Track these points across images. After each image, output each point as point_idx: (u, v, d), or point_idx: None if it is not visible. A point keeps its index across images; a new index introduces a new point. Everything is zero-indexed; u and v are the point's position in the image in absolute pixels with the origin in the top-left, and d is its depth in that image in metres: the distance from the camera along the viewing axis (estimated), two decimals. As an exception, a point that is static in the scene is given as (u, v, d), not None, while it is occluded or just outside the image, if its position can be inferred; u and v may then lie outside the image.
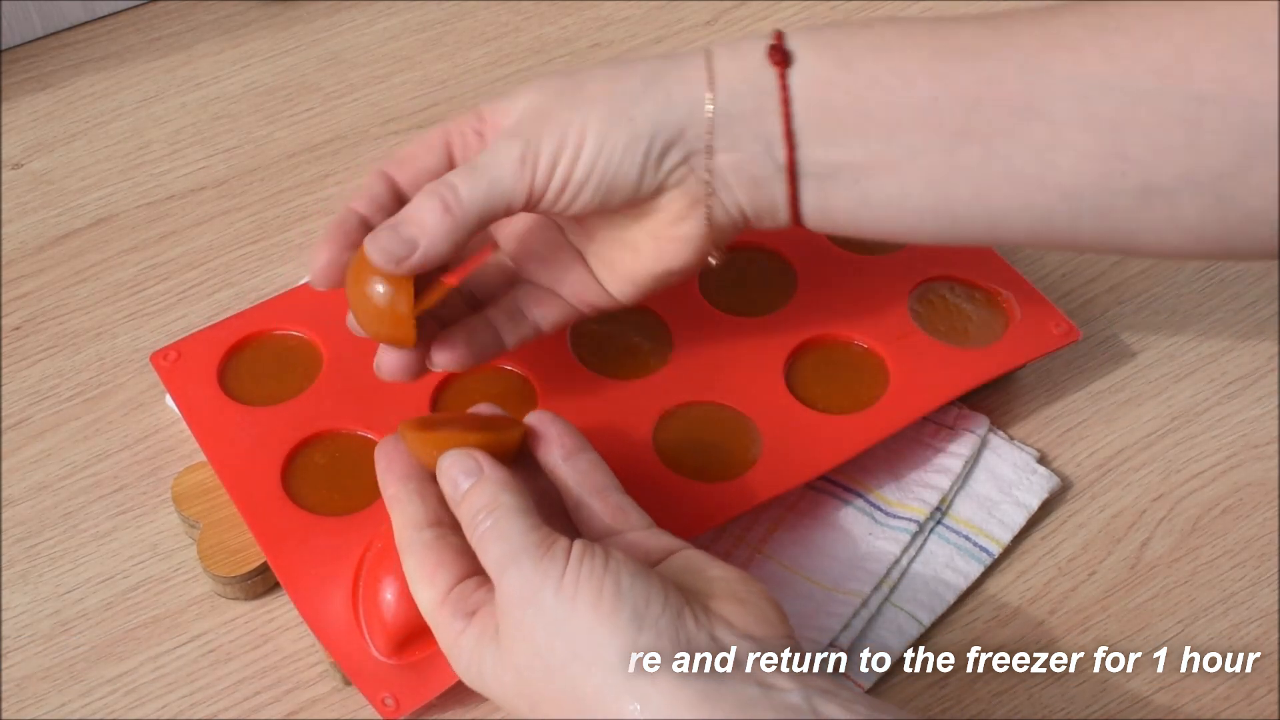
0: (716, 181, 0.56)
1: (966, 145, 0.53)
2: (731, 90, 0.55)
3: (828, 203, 0.56)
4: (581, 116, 0.55)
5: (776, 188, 0.56)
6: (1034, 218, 0.55)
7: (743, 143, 0.55)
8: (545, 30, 0.88)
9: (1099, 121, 0.52)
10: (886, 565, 0.61)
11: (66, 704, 0.59)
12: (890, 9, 0.89)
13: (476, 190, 0.54)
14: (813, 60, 0.55)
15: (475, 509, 0.52)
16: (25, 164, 0.80)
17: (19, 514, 0.65)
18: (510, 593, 0.50)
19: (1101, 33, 0.52)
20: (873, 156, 0.55)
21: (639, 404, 0.64)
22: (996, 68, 0.53)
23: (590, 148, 0.54)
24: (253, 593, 0.61)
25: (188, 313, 0.73)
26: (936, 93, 0.53)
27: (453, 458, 0.53)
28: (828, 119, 0.54)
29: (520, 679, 0.49)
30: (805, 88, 0.55)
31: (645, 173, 0.55)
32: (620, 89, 0.55)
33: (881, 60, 0.54)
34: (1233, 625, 0.61)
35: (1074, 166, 0.53)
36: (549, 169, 0.54)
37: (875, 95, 0.54)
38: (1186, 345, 0.71)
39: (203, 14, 0.88)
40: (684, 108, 0.55)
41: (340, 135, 0.81)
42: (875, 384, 0.65)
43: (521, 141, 0.54)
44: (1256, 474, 0.66)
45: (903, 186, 0.55)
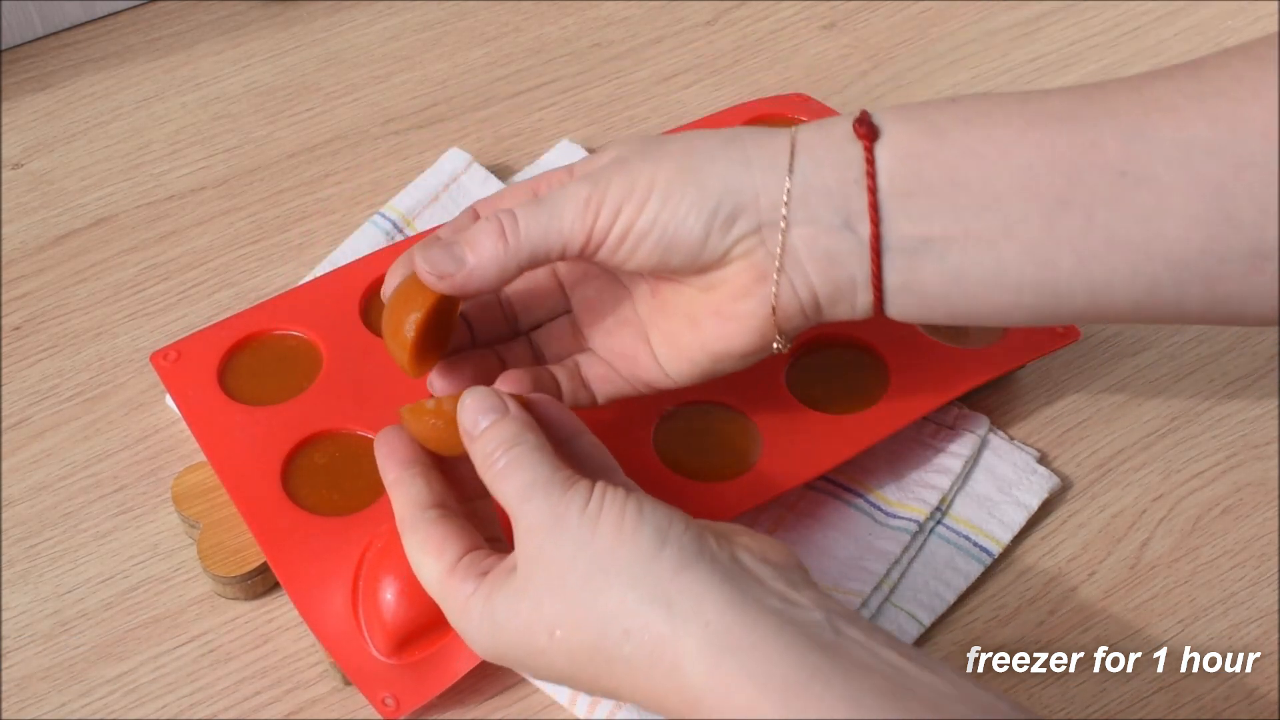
0: (787, 257, 0.53)
1: (1067, 214, 0.51)
2: (814, 160, 0.53)
3: (915, 280, 0.53)
4: (653, 167, 0.53)
5: (856, 266, 0.53)
6: (1140, 289, 0.52)
7: (821, 217, 0.53)
8: (545, 30, 0.88)
9: (1206, 185, 0.50)
10: (886, 565, 0.61)
11: (66, 704, 0.59)
12: (889, 8, 0.89)
13: (536, 223, 0.53)
14: (901, 132, 0.53)
15: (495, 443, 0.51)
16: (25, 164, 0.80)
17: (19, 514, 0.65)
18: (531, 521, 0.49)
19: (1200, 97, 0.51)
20: (966, 229, 0.52)
21: (639, 404, 0.64)
22: (1096, 133, 0.51)
23: (656, 199, 0.53)
24: (253, 593, 0.61)
25: (188, 313, 0.73)
26: (1034, 160, 0.52)
27: (477, 394, 0.53)
28: (917, 191, 0.52)
29: (538, 606, 0.49)
30: (894, 159, 0.52)
31: (710, 235, 0.53)
32: (698, 147, 0.54)
33: (974, 129, 0.52)
34: (1233, 625, 0.61)
35: (1181, 233, 0.51)
36: (612, 215, 0.53)
37: (969, 165, 0.52)
38: (1186, 345, 0.71)
39: (203, 14, 0.88)
40: (760, 174, 0.53)
41: (340, 135, 0.82)
42: (875, 384, 0.65)
43: (590, 184, 0.53)
44: (1256, 474, 0.66)
45: (999, 260, 0.52)
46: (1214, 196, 0.50)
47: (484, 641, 0.51)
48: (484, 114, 0.83)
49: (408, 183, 0.77)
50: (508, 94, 0.84)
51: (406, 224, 0.75)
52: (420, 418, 0.54)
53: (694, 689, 0.46)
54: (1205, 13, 0.88)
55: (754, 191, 0.53)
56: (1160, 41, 0.86)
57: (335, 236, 0.76)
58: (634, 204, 0.53)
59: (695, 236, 0.53)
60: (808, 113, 0.77)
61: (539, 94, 0.84)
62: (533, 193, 0.58)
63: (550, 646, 0.49)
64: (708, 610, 0.47)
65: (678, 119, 0.82)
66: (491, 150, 0.80)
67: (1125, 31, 0.87)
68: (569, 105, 0.83)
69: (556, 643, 0.49)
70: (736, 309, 0.55)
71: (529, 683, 0.58)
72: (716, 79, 0.85)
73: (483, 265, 0.54)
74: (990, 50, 0.86)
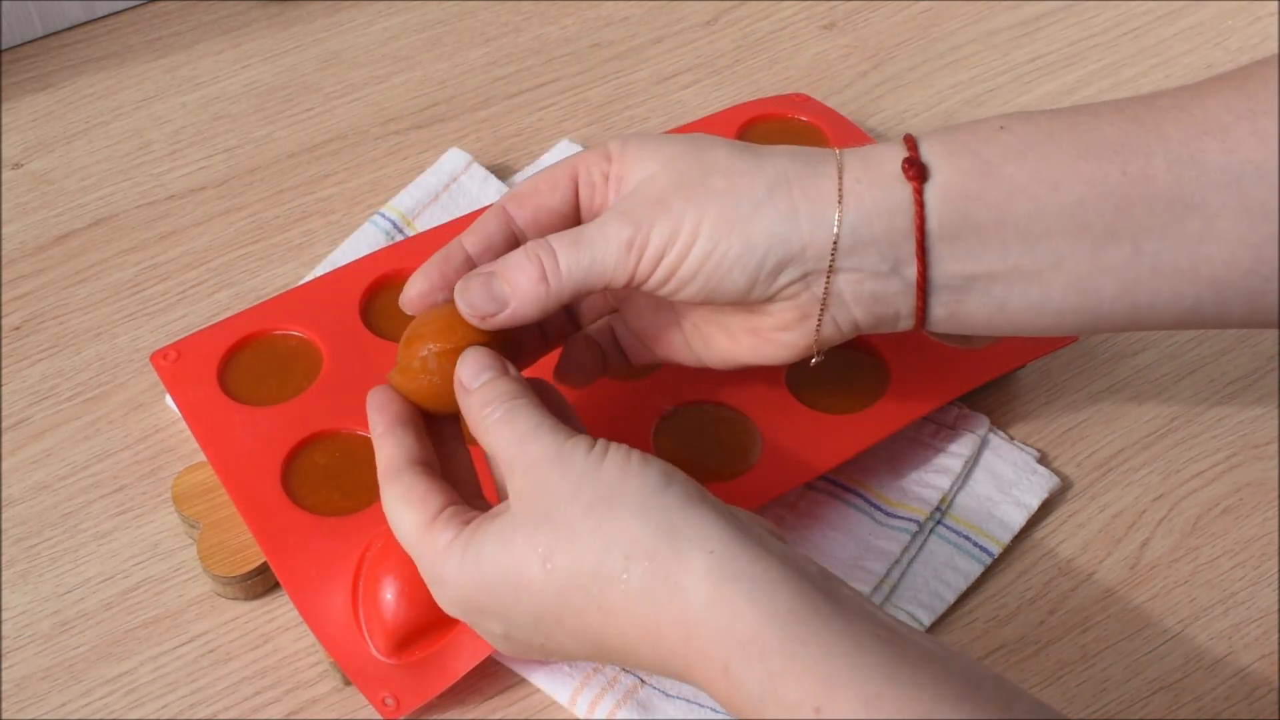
0: (832, 300, 0.54)
1: (1114, 245, 0.52)
2: (862, 211, 0.52)
3: (960, 312, 0.54)
4: (697, 212, 0.52)
5: (901, 303, 0.54)
6: (1181, 309, 0.53)
7: (867, 263, 0.53)
8: (545, 30, 0.88)
9: (1253, 209, 0.51)
10: (886, 565, 0.61)
11: (66, 704, 0.59)
12: (889, 8, 0.89)
13: (578, 266, 0.53)
14: (949, 171, 0.52)
15: (494, 393, 0.51)
16: (25, 164, 0.80)
17: (19, 514, 0.65)
18: (533, 458, 0.49)
19: (1250, 116, 0.51)
20: (1013, 265, 0.52)
21: (639, 404, 0.64)
22: (1145, 163, 0.51)
23: (700, 249, 0.53)
24: (253, 593, 0.61)
25: (188, 313, 0.73)
26: (1084, 195, 0.51)
27: (479, 352, 0.53)
28: (966, 232, 0.52)
29: (532, 535, 0.49)
30: (943, 202, 0.52)
31: (756, 285, 0.53)
32: (744, 193, 0.53)
33: (1025, 165, 0.52)
34: (1233, 625, 0.61)
35: (1227, 257, 0.51)
36: (655, 259, 0.53)
37: (1019, 203, 0.52)
38: (1186, 345, 0.71)
39: (203, 14, 0.88)
40: (807, 226, 0.52)
41: (340, 135, 0.82)
42: (875, 384, 0.65)
43: (632, 226, 0.53)
44: (1256, 474, 0.66)
45: (1045, 291, 0.53)
46: (1262, 220, 0.51)
47: (462, 583, 0.50)
48: (484, 114, 0.83)
49: (408, 183, 0.77)
50: (508, 94, 0.84)
51: (406, 224, 0.75)
52: (411, 376, 0.54)
53: (694, 615, 0.46)
54: (1205, 13, 0.88)
55: (801, 244, 0.53)
56: (1160, 41, 0.86)
57: (335, 236, 0.76)
58: (677, 250, 0.53)
59: (740, 286, 0.53)
60: (808, 113, 0.77)
61: (539, 94, 0.84)
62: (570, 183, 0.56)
63: (539, 578, 0.48)
64: (712, 541, 0.47)
65: (678, 119, 0.82)
66: (491, 150, 0.80)
67: (1125, 31, 0.87)
68: (569, 105, 0.83)
69: (548, 573, 0.48)
70: (776, 337, 0.56)
71: (529, 683, 0.58)
72: (716, 79, 0.85)
73: (523, 306, 0.54)
74: (990, 50, 0.86)
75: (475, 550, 0.50)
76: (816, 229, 0.52)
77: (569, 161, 0.57)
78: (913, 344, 0.66)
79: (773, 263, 0.53)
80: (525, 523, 0.49)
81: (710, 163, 0.54)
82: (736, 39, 0.87)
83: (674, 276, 0.53)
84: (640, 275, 0.53)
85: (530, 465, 0.50)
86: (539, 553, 0.48)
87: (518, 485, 0.50)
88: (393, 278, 0.68)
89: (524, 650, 0.52)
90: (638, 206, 0.53)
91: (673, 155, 0.54)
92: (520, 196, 0.57)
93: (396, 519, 0.52)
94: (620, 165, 0.56)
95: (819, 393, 0.65)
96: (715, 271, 0.53)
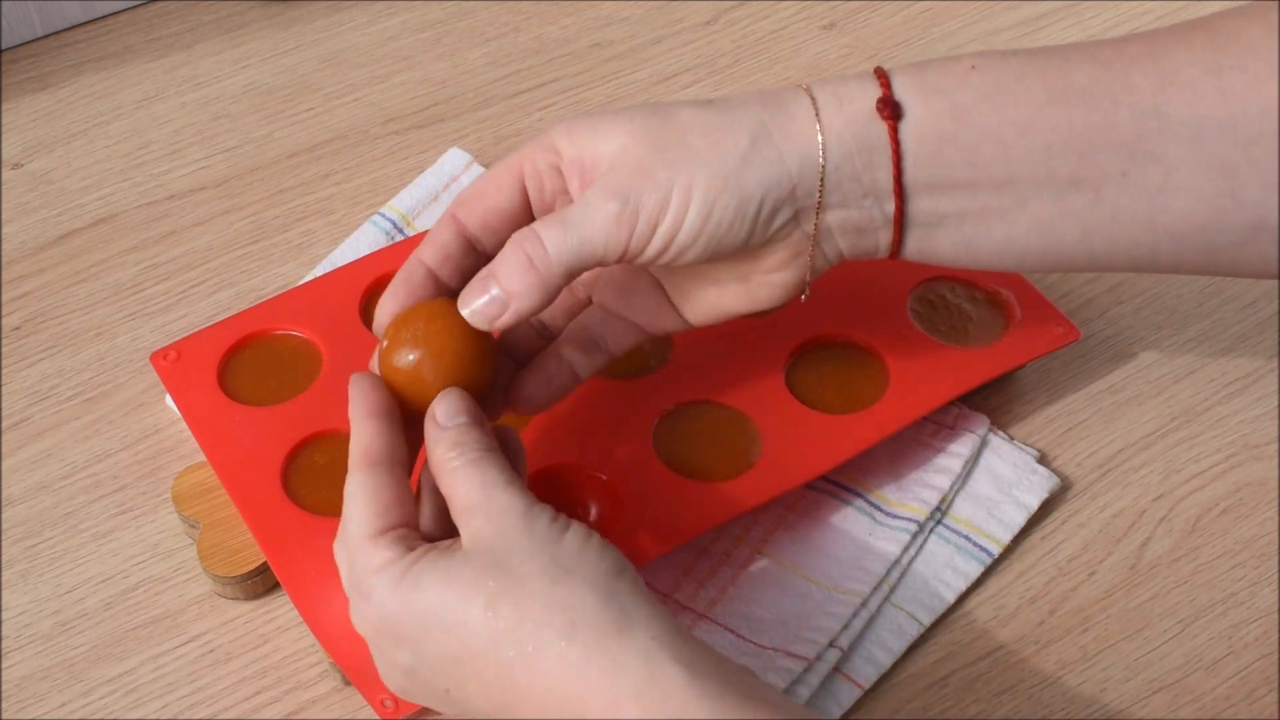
0: (821, 235, 0.55)
1: (1078, 191, 0.53)
2: (842, 148, 0.53)
3: (930, 245, 0.56)
4: (685, 178, 0.52)
5: (881, 235, 0.55)
6: (1138, 255, 0.55)
7: (852, 198, 0.54)
8: (545, 30, 0.88)
9: (1214, 164, 0.52)
10: (886, 565, 0.61)
11: (66, 704, 0.59)
12: (889, 8, 0.89)
13: (566, 247, 0.52)
14: (923, 112, 0.53)
15: (468, 437, 0.51)
16: (25, 164, 0.80)
17: (19, 514, 0.65)
18: (500, 508, 0.49)
19: (1217, 71, 0.52)
20: (982, 206, 0.54)
21: (639, 404, 0.64)
22: (1111, 112, 0.52)
23: (696, 212, 0.52)
24: (253, 593, 0.61)
25: (188, 313, 0.73)
26: (1051, 141, 0.53)
27: (460, 394, 0.53)
28: (939, 173, 0.54)
29: (479, 578, 0.48)
30: (917, 141, 0.53)
31: (754, 233, 0.53)
32: (727, 148, 0.53)
33: (995, 110, 0.53)
34: (1233, 625, 0.61)
35: (1184, 209, 0.53)
36: (648, 230, 0.53)
37: (989, 147, 0.53)
38: (1186, 345, 0.71)
39: (203, 14, 0.88)
40: (795, 166, 0.53)
41: (340, 135, 0.81)
42: (875, 384, 0.65)
43: (619, 200, 0.52)
44: (1256, 474, 0.66)
45: (1009, 231, 0.54)
46: (1220, 175, 0.52)
47: (388, 605, 0.50)
48: (484, 114, 0.83)
49: (408, 183, 0.77)
50: (508, 94, 0.84)
51: (406, 224, 0.75)
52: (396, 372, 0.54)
53: (627, 690, 0.46)
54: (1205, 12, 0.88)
55: (791, 184, 0.53)
56: (1160, 41, 0.86)
57: (335, 236, 0.76)
58: (671, 218, 0.52)
59: (740, 238, 0.53)
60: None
61: (539, 94, 0.84)
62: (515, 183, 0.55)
63: (477, 619, 0.48)
64: (656, 627, 0.47)
65: (678, 119, 0.82)
66: (491, 150, 0.80)
67: (1125, 32, 0.87)
68: (569, 105, 0.83)
69: (487, 618, 0.48)
70: (767, 279, 0.56)
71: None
72: (716, 79, 0.85)
73: (523, 300, 0.53)
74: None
75: (414, 578, 0.49)
76: (804, 168, 0.53)
77: (512, 159, 0.56)
78: (913, 344, 0.66)
79: (769, 207, 0.53)
80: (476, 564, 0.49)
81: (681, 123, 0.54)
82: (736, 39, 0.87)
83: (673, 243, 0.53)
84: (634, 247, 0.53)
85: (494, 514, 0.50)
86: (484, 597, 0.48)
87: (476, 529, 0.50)
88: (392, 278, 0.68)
89: (422, 692, 0.51)
90: (619, 179, 0.53)
91: (637, 125, 0.54)
92: (467, 202, 0.56)
93: (351, 512, 0.51)
94: (576, 149, 0.54)
95: (819, 393, 0.65)
96: (716, 230, 0.53)
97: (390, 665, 0.52)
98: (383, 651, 0.51)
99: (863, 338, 0.66)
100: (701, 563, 0.62)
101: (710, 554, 0.62)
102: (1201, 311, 0.72)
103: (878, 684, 0.59)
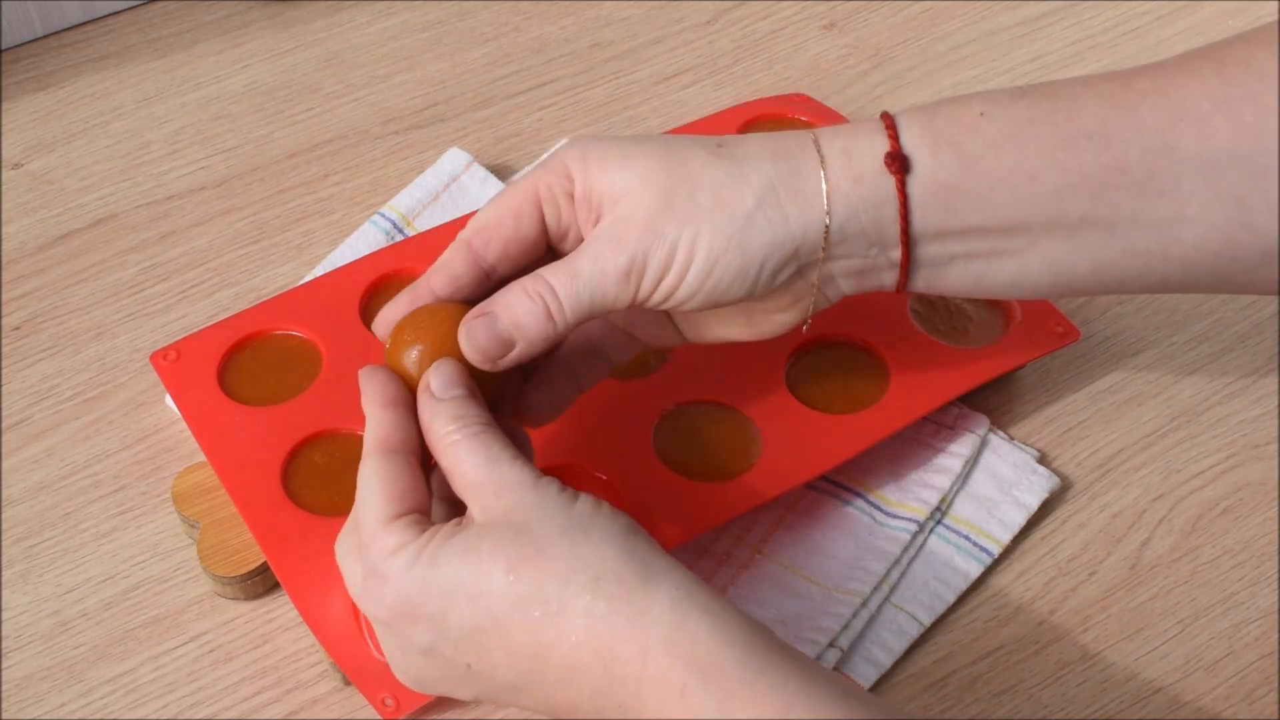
0: (825, 281, 0.55)
1: (1090, 230, 0.53)
2: (848, 206, 0.53)
3: (939, 284, 0.56)
4: (691, 234, 0.53)
5: (886, 277, 0.56)
6: (1149, 282, 0.55)
7: (857, 250, 0.54)
8: (545, 30, 0.88)
9: (1226, 196, 0.52)
10: (886, 565, 0.61)
11: (66, 704, 0.59)
12: (889, 8, 0.89)
13: (580, 301, 0.53)
14: (931, 164, 0.53)
15: (463, 413, 0.51)
16: (25, 164, 0.80)
17: (19, 514, 0.65)
18: (509, 480, 0.50)
19: (1227, 104, 0.51)
20: (991, 248, 0.54)
21: (639, 404, 0.64)
22: (1121, 152, 0.52)
23: (698, 270, 0.53)
24: (253, 593, 0.61)
25: (188, 313, 0.73)
26: (1061, 185, 0.53)
27: (451, 365, 0.53)
28: (948, 220, 0.54)
29: (499, 546, 0.48)
30: (925, 193, 0.53)
31: (755, 290, 0.54)
32: (734, 207, 0.53)
33: (1004, 157, 0.53)
34: (1233, 625, 0.61)
35: (1197, 240, 0.53)
36: (654, 282, 0.53)
37: (999, 194, 0.53)
38: (1186, 345, 0.71)
39: (203, 14, 0.88)
40: (799, 228, 0.53)
41: (340, 135, 0.82)
42: (875, 384, 0.65)
43: (627, 256, 0.53)
44: (1256, 474, 0.66)
45: (1020, 269, 0.55)
46: (1234, 207, 0.52)
47: (407, 583, 0.49)
48: (484, 114, 0.83)
49: (408, 183, 0.77)
50: (508, 94, 0.84)
51: (406, 224, 0.75)
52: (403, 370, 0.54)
53: (655, 637, 0.47)
54: (1205, 12, 0.88)
55: (794, 245, 0.54)
56: (1160, 41, 0.86)
57: (335, 236, 0.76)
58: (675, 272, 0.53)
59: (741, 294, 0.54)
60: (808, 113, 0.77)
61: (539, 94, 0.84)
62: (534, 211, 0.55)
63: (499, 585, 0.48)
64: (677, 579, 0.48)
65: (678, 119, 0.82)
66: (491, 150, 0.80)
67: (1125, 31, 0.87)
68: (569, 105, 0.83)
69: (510, 582, 0.48)
70: (771, 319, 0.57)
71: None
72: (716, 79, 0.85)
73: (531, 344, 0.54)
74: (990, 50, 0.86)
75: (430, 555, 0.49)
76: (808, 229, 0.54)
77: (527, 185, 0.56)
78: (913, 344, 0.66)
79: (771, 267, 0.54)
80: (493, 534, 0.49)
81: (691, 177, 0.54)
82: (736, 39, 0.87)
83: (674, 295, 0.54)
84: (641, 298, 0.54)
85: (504, 488, 0.50)
86: (505, 563, 0.48)
87: (487, 504, 0.50)
88: (393, 278, 0.68)
89: (440, 672, 0.51)
90: (628, 232, 0.53)
91: (648, 171, 0.54)
92: (484, 231, 0.56)
93: (365, 497, 0.51)
94: (585, 183, 0.55)
95: (819, 393, 0.65)
96: (718, 287, 0.54)
97: (407, 649, 0.51)
98: (399, 635, 0.51)
99: (863, 338, 0.66)
100: (701, 563, 0.62)
101: (710, 554, 0.62)
102: (1201, 311, 0.72)
103: (878, 684, 0.59)
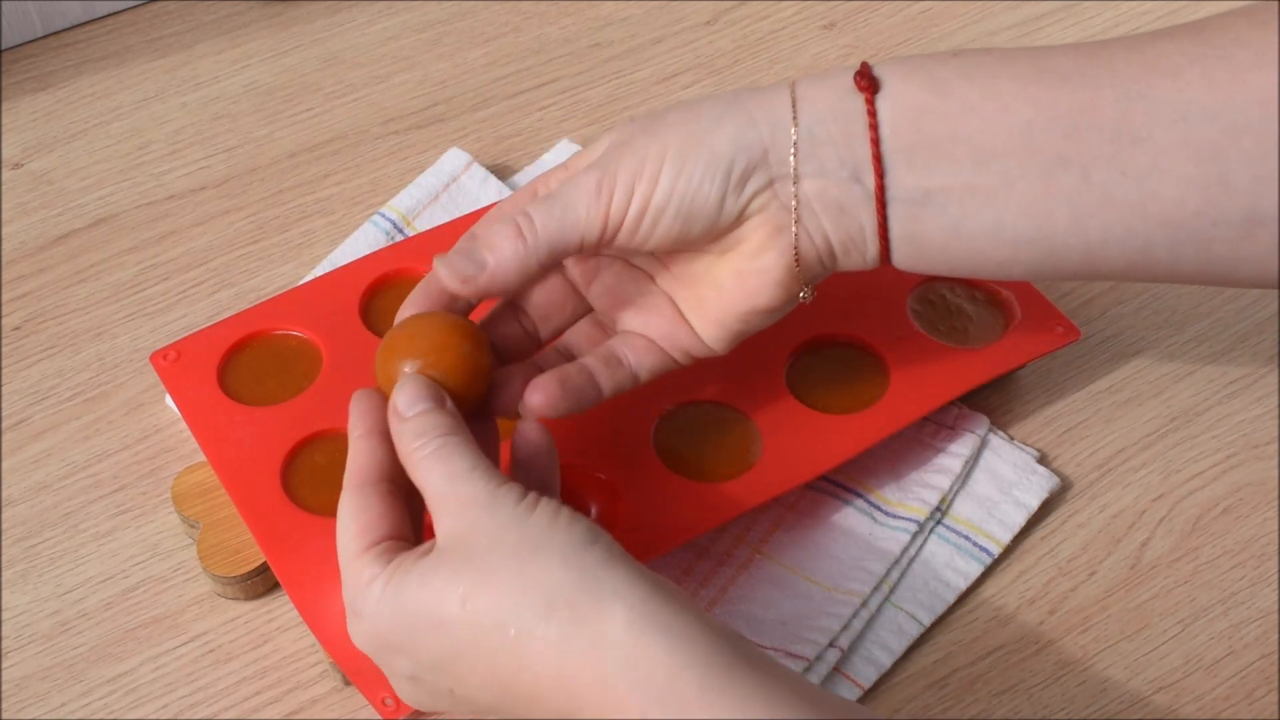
0: (801, 208, 0.54)
1: (1064, 171, 0.53)
2: (816, 114, 0.54)
3: (918, 231, 0.55)
4: (660, 143, 0.54)
5: (864, 215, 0.54)
6: (1134, 248, 0.54)
7: (829, 169, 0.54)
8: (545, 30, 0.88)
9: (1201, 149, 0.51)
10: (886, 565, 0.61)
11: (66, 704, 0.59)
12: (889, 8, 0.89)
13: (550, 217, 0.53)
14: (901, 86, 0.54)
15: (428, 427, 0.51)
16: (25, 164, 0.80)
17: (19, 514, 0.65)
18: (464, 498, 0.49)
19: (1201, 60, 0.51)
20: (965, 182, 0.53)
21: (639, 404, 0.64)
22: (1094, 93, 0.52)
23: (669, 172, 0.53)
24: (253, 593, 0.61)
25: (188, 313, 0.73)
26: (1033, 118, 0.53)
27: (418, 381, 0.53)
28: (918, 144, 0.53)
29: (454, 574, 0.48)
30: (895, 112, 0.53)
31: (726, 197, 0.54)
32: (701, 113, 0.54)
33: (975, 85, 0.53)
34: (1233, 625, 0.61)
35: (1175, 194, 0.52)
36: (626, 196, 0.54)
37: (969, 121, 0.53)
38: (1186, 345, 0.71)
39: (203, 14, 0.88)
40: (766, 130, 0.54)
41: (340, 135, 0.82)
42: (875, 384, 0.65)
43: (598, 170, 0.54)
44: (1256, 474, 0.66)
45: (998, 215, 0.54)
46: (1209, 160, 0.51)
47: (377, 618, 0.50)
48: (484, 114, 0.83)
49: (408, 183, 0.77)
50: (508, 94, 0.84)
51: (406, 224, 0.75)
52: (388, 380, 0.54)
53: (611, 664, 0.46)
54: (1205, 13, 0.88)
55: (763, 147, 0.54)
56: (1160, 41, 0.86)
57: (335, 236, 0.76)
58: (646, 180, 0.53)
59: (713, 201, 0.54)
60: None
61: (539, 94, 0.84)
62: (533, 194, 0.58)
63: (456, 616, 0.48)
64: (632, 596, 0.47)
65: (678, 119, 0.82)
66: (491, 150, 0.80)
67: (1125, 32, 0.87)
68: (569, 105, 0.83)
69: (465, 613, 0.48)
70: (757, 265, 0.56)
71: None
72: (716, 79, 0.85)
73: (503, 266, 0.54)
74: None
75: (395, 586, 0.49)
76: (776, 132, 0.54)
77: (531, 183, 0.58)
78: (913, 344, 0.66)
79: (740, 169, 0.54)
80: (449, 562, 0.49)
81: (663, 110, 0.56)
82: (736, 39, 0.87)
83: (648, 209, 0.54)
84: (614, 217, 0.54)
85: (459, 506, 0.50)
86: (459, 592, 0.48)
87: (447, 524, 0.50)
88: (393, 278, 0.68)
89: (430, 696, 0.51)
90: (601, 156, 0.55)
91: (626, 122, 0.56)
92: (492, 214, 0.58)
93: (340, 533, 0.52)
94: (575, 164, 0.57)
95: (819, 393, 0.65)
96: (687, 190, 0.53)
97: (396, 676, 0.52)
98: (385, 664, 0.52)
99: (863, 338, 0.66)
100: (701, 563, 0.62)
101: (710, 554, 0.62)
102: (1201, 311, 0.72)
103: (878, 684, 0.59)
